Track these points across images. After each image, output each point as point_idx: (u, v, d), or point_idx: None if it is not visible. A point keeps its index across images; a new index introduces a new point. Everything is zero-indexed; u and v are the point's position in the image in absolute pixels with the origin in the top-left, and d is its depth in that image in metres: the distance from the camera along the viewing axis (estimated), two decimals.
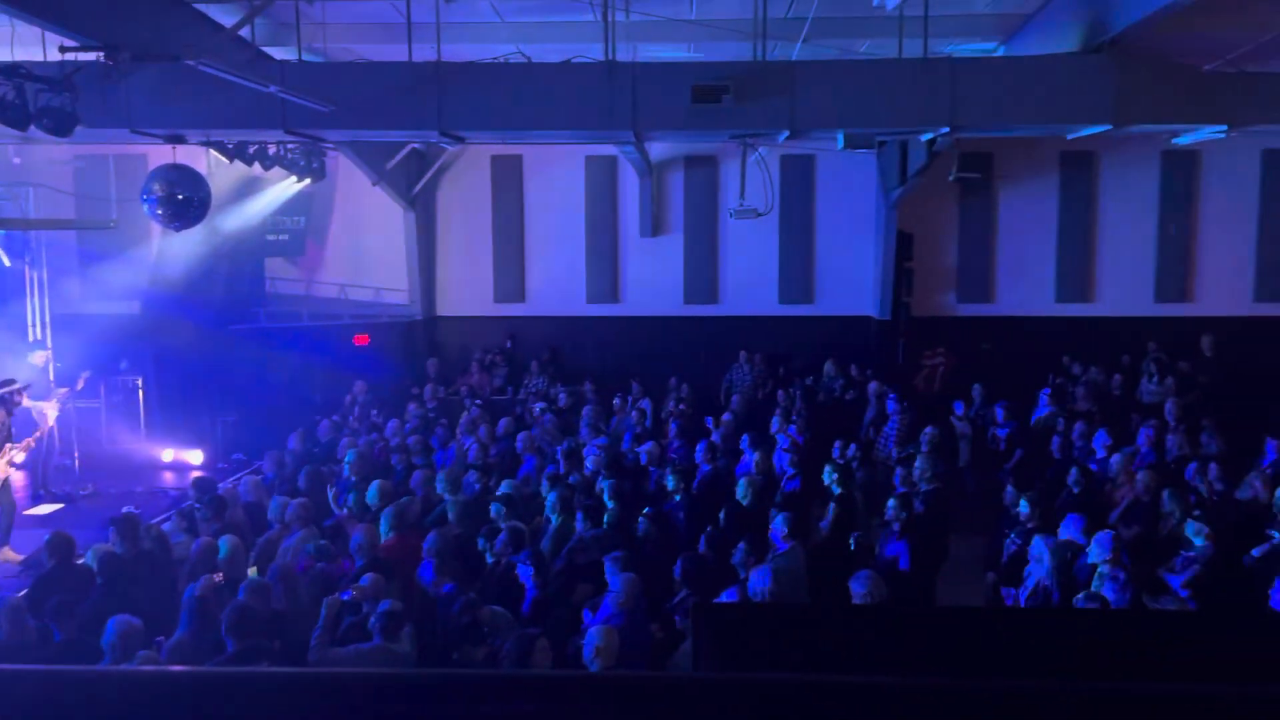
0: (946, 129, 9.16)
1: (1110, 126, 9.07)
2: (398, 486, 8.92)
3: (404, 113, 9.12)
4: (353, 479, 8.99)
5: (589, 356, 15.27)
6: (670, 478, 8.88)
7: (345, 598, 6.20)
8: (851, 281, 15.30)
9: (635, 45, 10.74)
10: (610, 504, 8.15)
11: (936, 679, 1.46)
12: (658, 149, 14.98)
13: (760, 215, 10.47)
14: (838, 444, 10.56)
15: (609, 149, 14.60)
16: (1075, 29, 9.03)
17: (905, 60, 9.06)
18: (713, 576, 6.89)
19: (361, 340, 14.66)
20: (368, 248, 15.72)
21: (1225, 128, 9.77)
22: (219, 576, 6.67)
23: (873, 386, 12.97)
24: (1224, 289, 15.05)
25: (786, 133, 9.18)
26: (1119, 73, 8.84)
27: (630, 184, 15.42)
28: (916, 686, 1.45)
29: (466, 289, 15.77)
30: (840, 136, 9.43)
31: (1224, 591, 7.18)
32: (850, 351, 14.54)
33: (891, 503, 7.97)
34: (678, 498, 8.69)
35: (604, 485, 8.54)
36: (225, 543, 7.13)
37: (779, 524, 7.47)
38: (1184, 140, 12.77)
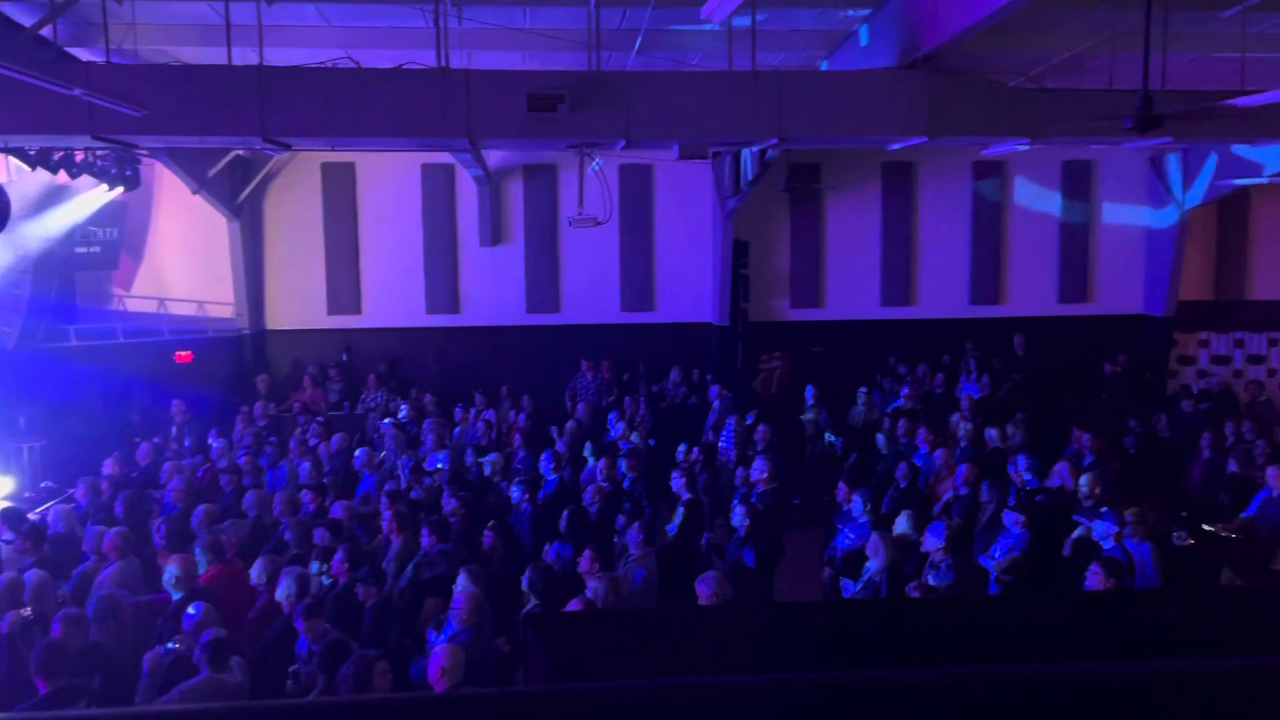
0: (775, 140, 9.45)
1: (925, 139, 9.56)
2: (226, 510, 8.50)
3: (223, 118, 8.71)
4: (176, 505, 8.51)
5: (429, 368, 14.98)
6: (515, 489, 8.81)
7: (168, 649, 5.80)
8: (691, 288, 15.59)
9: (469, 52, 10.62)
10: (454, 519, 8.01)
11: (765, 675, 1.49)
12: (496, 157, 14.87)
13: (599, 224, 10.53)
14: (682, 447, 10.75)
15: (446, 157, 14.39)
16: (892, 46, 9.48)
17: (735, 73, 9.30)
18: (560, 586, 6.87)
19: (184, 358, 13.88)
20: (189, 260, 14.94)
21: (1028, 140, 10.46)
22: (28, 611, 6.18)
23: (714, 390, 13.25)
24: (1032, 291, 16.11)
25: (623, 142, 9.26)
26: (932, 88, 9.33)
27: (469, 192, 15.24)
28: (746, 684, 1.47)
29: (298, 301, 15.20)
30: (675, 146, 9.58)
31: (1041, 576, 7.67)
32: (691, 357, 14.82)
33: (739, 507, 8.16)
34: (524, 508, 8.64)
35: (448, 499, 8.39)
36: (31, 577, 6.61)
37: (634, 531, 7.52)
38: (992, 152, 13.64)
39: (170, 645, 5.83)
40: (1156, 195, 15.64)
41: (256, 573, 6.88)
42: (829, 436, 12.27)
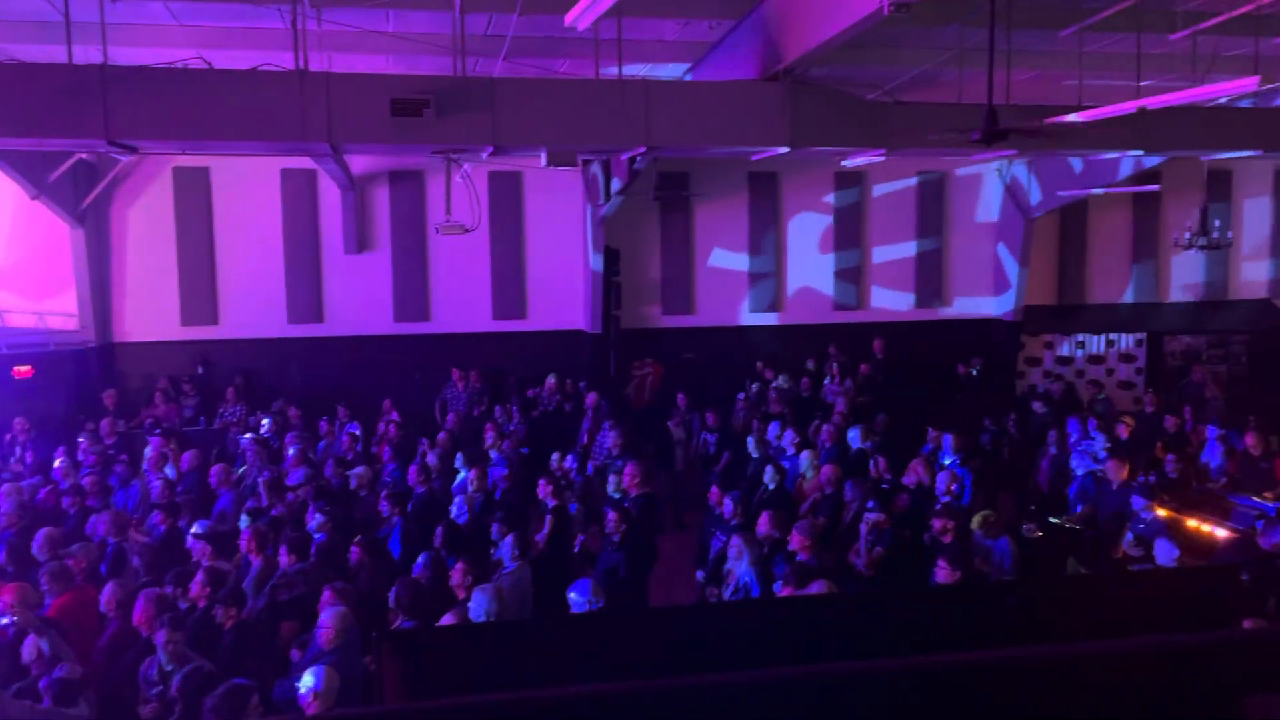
0: (643, 148, 9.53)
1: (788, 148, 9.80)
2: (69, 534, 8.00)
3: (63, 119, 8.20)
4: (9, 530, 7.96)
5: (293, 380, 14.49)
6: (384, 502, 8.60)
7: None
8: (563, 296, 15.55)
9: (329, 55, 10.34)
10: (318, 535, 7.75)
11: (618, 683, 1.49)
12: (360, 163, 14.51)
13: (467, 231, 10.38)
14: (555, 456, 10.71)
15: (307, 162, 13.96)
16: (754, 58, 9.69)
17: (602, 81, 9.34)
18: (430, 601, 6.73)
19: (23, 373, 13.02)
20: (29, 268, 14.05)
21: (884, 151, 10.85)
22: None
23: (589, 398, 13.26)
24: (891, 297, 16.71)
25: (490, 148, 9.17)
26: (793, 100, 9.57)
27: (332, 199, 14.83)
28: (600, 693, 1.46)
29: (149, 312, 14.47)
30: (544, 153, 9.54)
31: (901, 572, 7.93)
32: (565, 365, 14.78)
33: (611, 514, 8.16)
34: (394, 522, 8.44)
35: (312, 515, 8.12)
36: None
37: (507, 543, 7.43)
38: (851, 162, 14.09)
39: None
40: (1004, 205, 16.46)
41: (106, 598, 6.50)
42: (706, 436, 12.42)
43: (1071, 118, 8.91)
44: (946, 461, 10.11)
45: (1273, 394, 14.92)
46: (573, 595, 6.15)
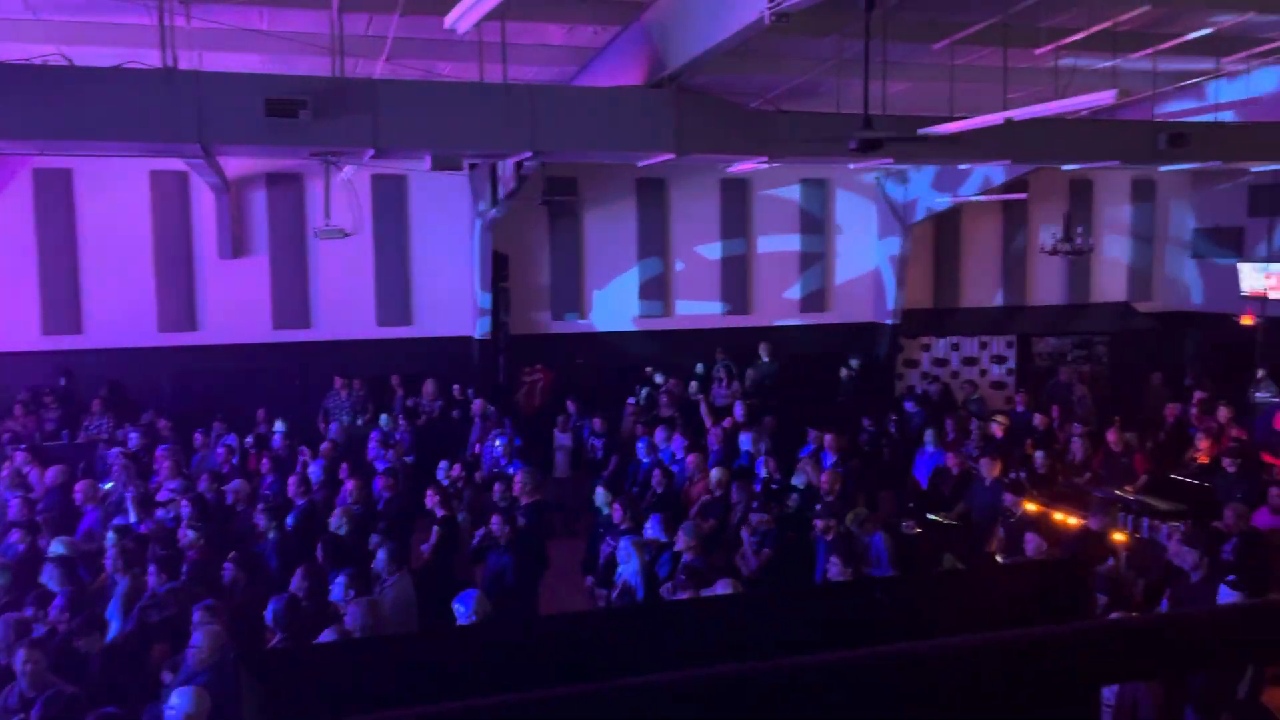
0: (529, 153, 9.47)
1: (674, 155, 9.88)
2: None
3: None
4: None
5: (164, 391, 13.89)
6: (261, 516, 8.32)
7: None
8: (450, 302, 15.33)
9: (199, 53, 9.95)
10: (189, 552, 7.44)
11: (493, 697, 1.46)
12: (235, 165, 14.02)
13: (347, 235, 10.13)
14: (442, 465, 10.54)
15: (177, 163, 13.41)
16: (639, 64, 9.75)
17: (487, 84, 9.23)
18: (308, 618, 6.53)
19: None
20: None
21: (767, 159, 11.05)
22: None
23: (476, 405, 13.10)
24: (777, 302, 17.01)
25: (371, 151, 8.97)
26: (678, 106, 9.65)
27: (205, 202, 14.28)
28: (473, 709, 1.43)
29: (6, 321, 13.66)
30: (428, 157, 9.39)
31: (789, 573, 8.08)
32: (453, 371, 14.57)
33: (496, 519, 8.08)
34: (271, 536, 8.17)
35: (184, 532, 7.79)
36: None
37: (382, 555, 7.27)
38: (736, 169, 14.32)
39: None
40: (883, 212, 16.96)
41: None
42: (594, 441, 12.41)
43: (943, 128, 9.24)
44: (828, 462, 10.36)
45: (1133, 392, 15.78)
46: (458, 607, 6.05)
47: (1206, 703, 5.14)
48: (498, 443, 11.66)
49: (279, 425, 11.98)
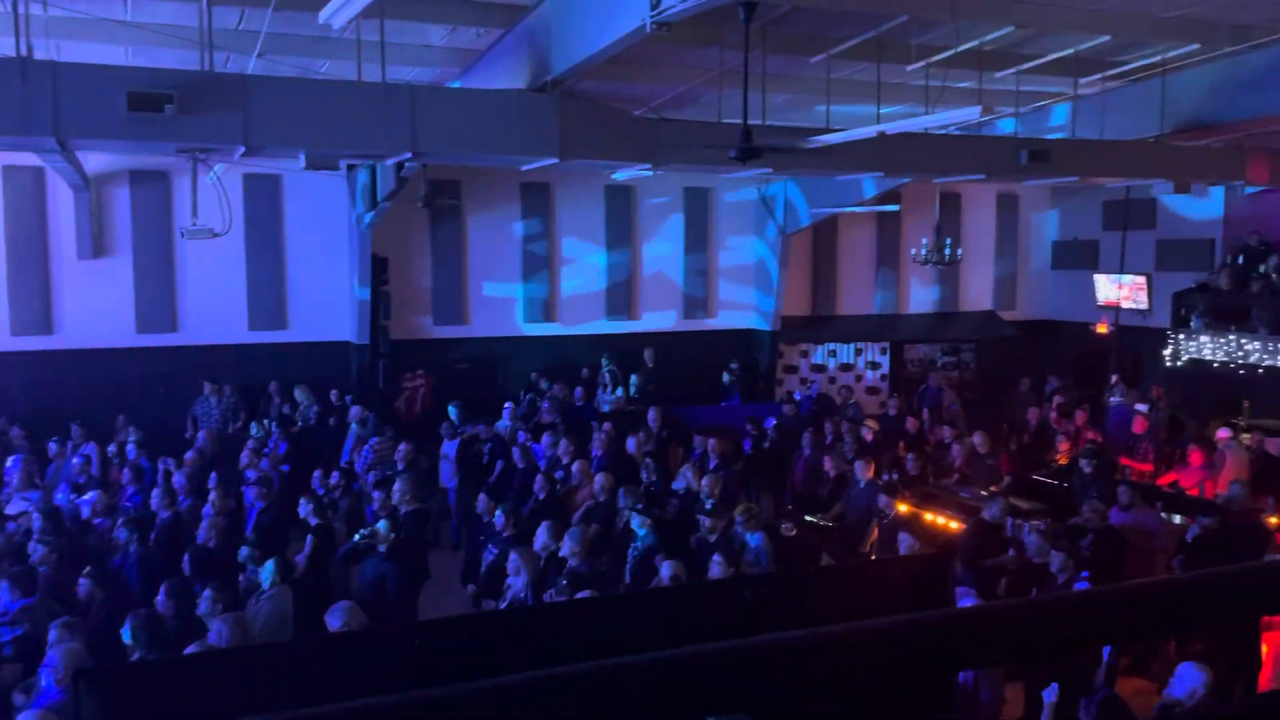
0: (409, 155, 9.31)
1: (557, 160, 9.87)
2: None
3: None
4: None
5: (16, 398, 13.09)
6: (121, 529, 7.92)
7: None
8: (327, 305, 14.93)
9: (57, 43, 9.46)
10: (41, 567, 7.03)
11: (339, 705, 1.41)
12: (96, 161, 13.36)
13: (216, 236, 9.75)
14: (318, 473, 10.25)
15: (32, 158, 12.68)
16: (523, 68, 9.70)
17: (365, 84, 9.04)
18: (175, 632, 6.25)
19: None
20: None
21: (650, 166, 11.14)
22: None
23: (354, 412, 12.78)
24: (660, 308, 17.16)
25: (242, 149, 8.67)
26: (562, 111, 9.65)
27: (63, 199, 13.55)
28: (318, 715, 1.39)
29: None
30: (302, 156, 9.13)
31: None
32: (330, 377, 14.19)
33: (381, 525, 7.90)
34: (132, 550, 7.78)
35: (35, 546, 7.36)
36: None
37: (268, 568, 7.02)
38: (620, 176, 14.39)
39: None
40: (764, 221, 17.30)
41: None
42: (479, 447, 12.23)
43: (820, 139, 9.49)
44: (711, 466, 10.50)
45: (998, 397, 16.49)
46: (329, 618, 5.88)
47: (1064, 690, 5.39)
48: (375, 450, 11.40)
49: (132, 433, 11.43)
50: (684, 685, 1.68)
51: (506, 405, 13.43)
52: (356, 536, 7.99)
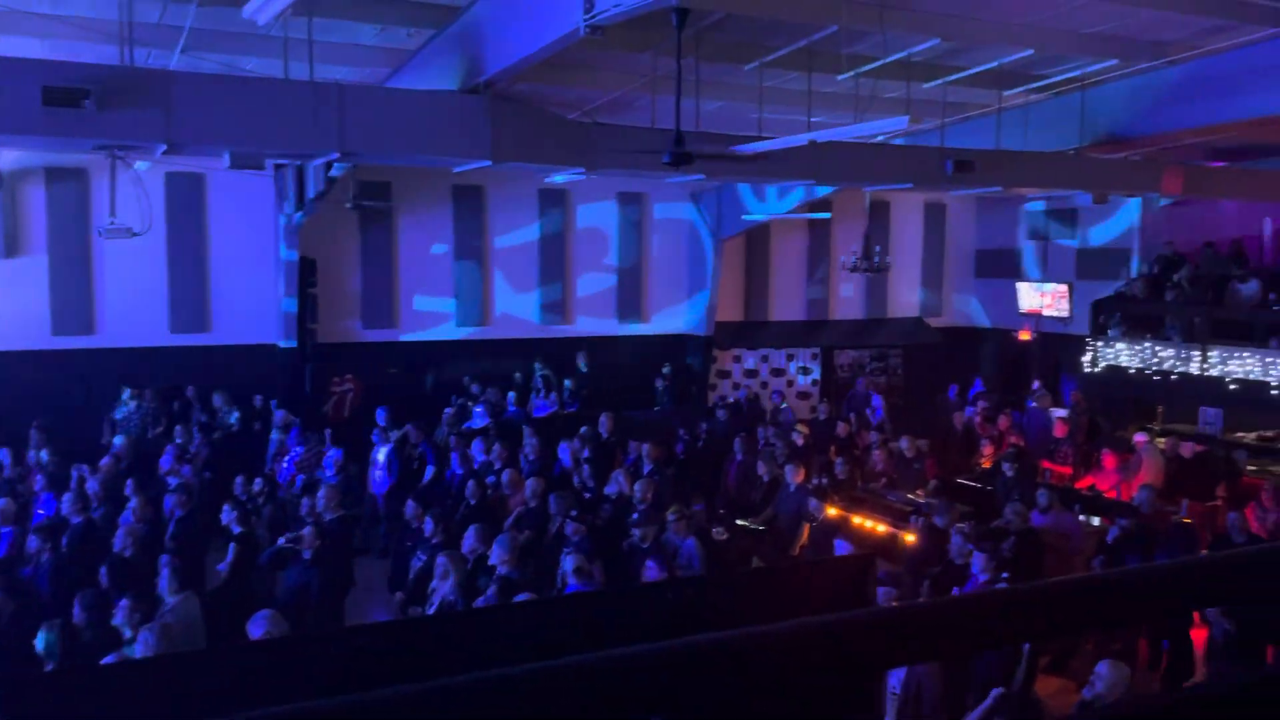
0: (337, 155, 9.15)
1: (489, 162, 9.79)
2: None
3: None
4: None
5: None
6: (33, 537, 7.65)
7: None
8: (252, 308, 14.59)
9: None
10: None
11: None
12: (9, 157, 12.90)
13: (135, 235, 9.46)
14: (240, 479, 10.02)
15: None
16: (455, 69, 9.61)
17: (292, 82, 8.87)
18: (90, 644, 6.05)
19: None
20: None
21: (584, 170, 11.12)
22: None
23: (278, 416, 12.51)
24: (592, 312, 17.14)
25: (164, 146, 8.44)
26: (495, 114, 9.58)
27: None
28: None
29: None
30: (227, 155, 8.92)
31: (609, 576, 8.12)
32: (255, 381, 13.87)
33: (306, 531, 7.76)
34: (44, 559, 7.51)
35: None
36: None
37: (165, 576, 6.82)
38: (554, 180, 14.34)
39: None
40: (698, 227, 17.40)
41: None
42: (411, 452, 12.06)
43: (752, 147, 9.57)
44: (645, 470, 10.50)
45: (924, 401, 16.81)
46: (251, 627, 5.75)
47: (986, 689, 5.51)
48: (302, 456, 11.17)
49: (46, 439, 11.04)
50: (594, 690, 1.67)
51: (446, 410, 13.29)
52: (280, 540, 7.83)
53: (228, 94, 8.58)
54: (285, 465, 11.08)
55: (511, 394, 14.75)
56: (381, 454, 11.87)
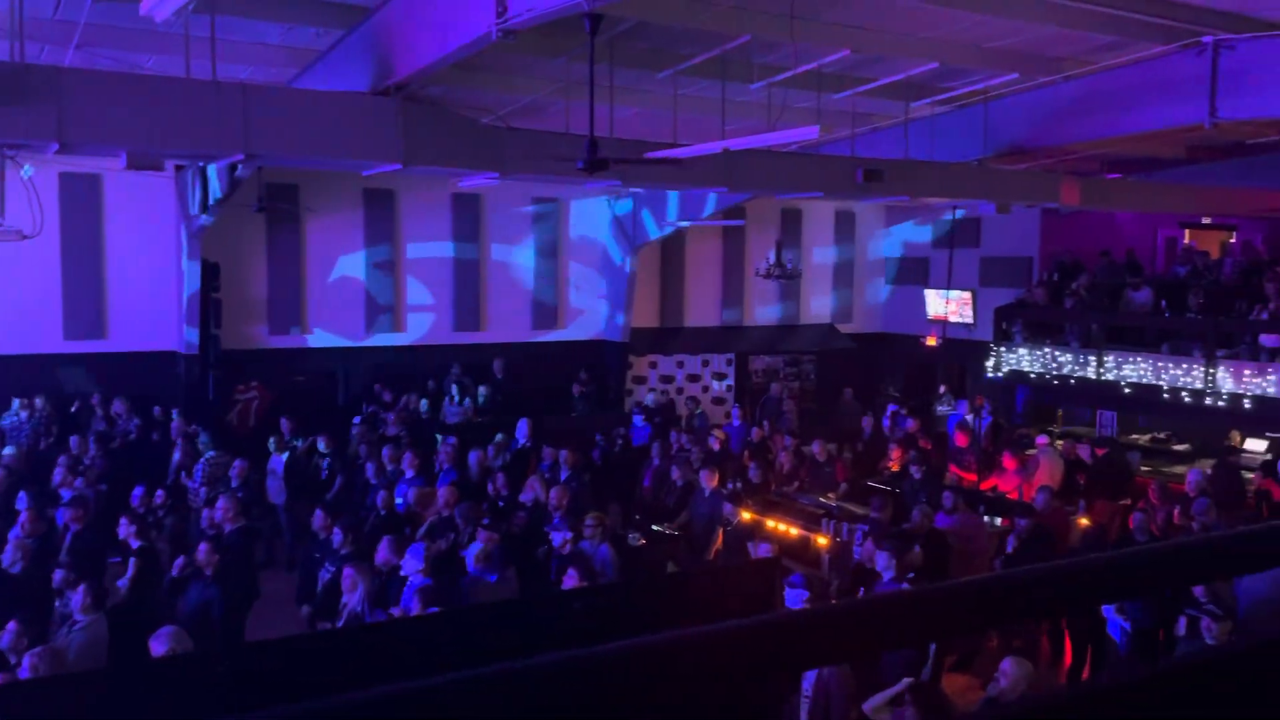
0: (241, 156, 8.91)
1: (400, 165, 9.64)
2: None
3: None
4: None
5: None
6: None
7: None
8: (152, 314, 14.11)
9: None
10: None
11: None
12: None
13: (25, 238, 9.06)
14: (139, 491, 9.65)
15: None
16: (364, 71, 9.43)
17: (193, 81, 8.59)
18: None
19: None
20: None
21: (497, 175, 11.03)
22: None
23: (178, 425, 12.10)
24: (509, 319, 17.01)
25: (56, 145, 8.09)
26: (406, 116, 9.43)
27: None
28: None
29: None
30: (123, 155, 8.60)
31: (526, 584, 8.05)
32: (155, 389, 13.40)
33: (203, 547, 7.51)
34: None
35: None
36: None
37: (80, 594, 6.53)
38: (468, 184, 14.20)
39: None
40: (613, 233, 17.41)
41: None
42: (316, 461, 11.78)
43: (665, 153, 9.61)
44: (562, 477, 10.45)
45: (836, 406, 17.10)
46: (153, 644, 5.54)
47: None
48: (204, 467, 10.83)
49: None
50: (496, 703, 1.64)
51: (356, 418, 13.03)
52: (175, 570, 7.56)
53: (125, 92, 8.27)
54: (194, 476, 10.73)
55: (424, 401, 14.54)
56: (279, 463, 11.57)
